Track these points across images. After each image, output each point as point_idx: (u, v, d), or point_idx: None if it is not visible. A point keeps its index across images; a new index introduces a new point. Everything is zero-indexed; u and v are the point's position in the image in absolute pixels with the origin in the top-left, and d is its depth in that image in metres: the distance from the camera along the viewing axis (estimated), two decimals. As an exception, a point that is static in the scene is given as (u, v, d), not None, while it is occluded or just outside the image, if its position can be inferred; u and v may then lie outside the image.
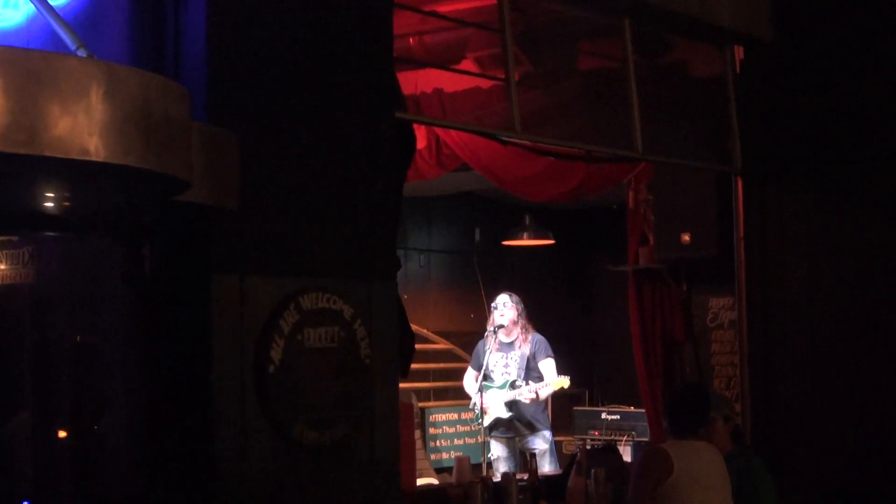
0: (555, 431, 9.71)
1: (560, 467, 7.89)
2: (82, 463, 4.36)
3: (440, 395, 10.13)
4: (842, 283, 6.80)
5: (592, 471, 5.98)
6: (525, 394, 8.15)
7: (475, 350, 8.56)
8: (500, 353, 8.30)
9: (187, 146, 3.51)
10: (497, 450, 8.30)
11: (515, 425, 8.27)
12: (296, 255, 4.64)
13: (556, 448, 9.26)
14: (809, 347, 6.87)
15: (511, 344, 8.32)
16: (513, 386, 8.20)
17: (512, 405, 8.21)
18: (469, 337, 8.88)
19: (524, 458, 8.19)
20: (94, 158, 3.16)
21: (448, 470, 7.72)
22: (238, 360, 4.38)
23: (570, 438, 9.69)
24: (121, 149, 3.22)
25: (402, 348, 5.17)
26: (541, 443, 8.26)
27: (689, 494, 4.87)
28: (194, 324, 4.35)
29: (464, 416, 9.47)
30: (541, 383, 8.17)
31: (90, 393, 4.33)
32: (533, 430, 8.27)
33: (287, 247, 4.61)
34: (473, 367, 8.49)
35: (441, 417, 9.77)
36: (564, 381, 8.21)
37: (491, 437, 8.27)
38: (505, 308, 8.28)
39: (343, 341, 4.70)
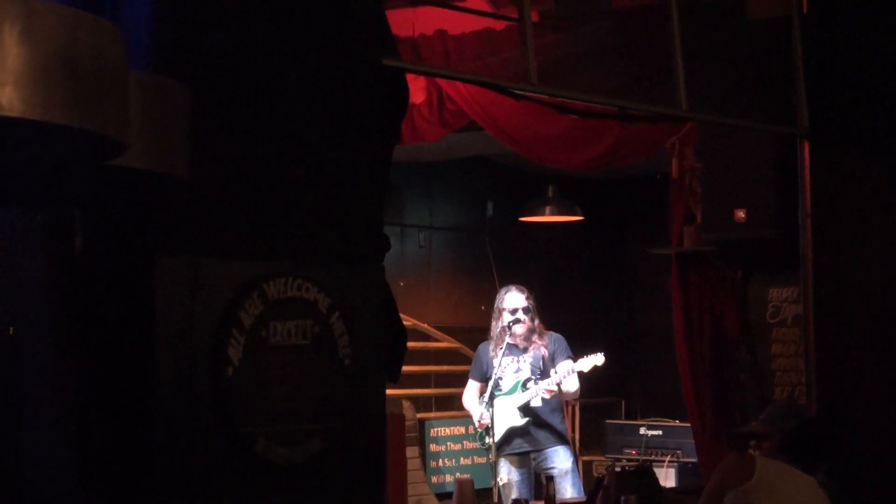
0: (583, 450, 9.75)
1: (585, 493, 7.91)
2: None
3: (443, 404, 10.15)
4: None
5: (622, 497, 6.00)
6: (543, 385, 8.13)
7: (476, 356, 8.54)
8: (510, 358, 8.30)
9: (123, 99, 3.50)
10: (509, 472, 8.27)
11: (532, 434, 8.25)
12: (259, 233, 4.64)
13: (585, 470, 9.27)
14: (893, 349, 6.85)
15: (523, 346, 8.31)
16: (524, 386, 8.19)
17: (527, 409, 8.20)
18: (479, 334, 8.87)
19: (540, 483, 8.18)
20: (7, 113, 3.15)
21: (452, 495, 7.74)
22: (189, 360, 4.38)
23: (602, 458, 9.71)
24: (40, 101, 3.21)
25: (391, 347, 5.19)
26: (562, 459, 8.26)
27: None
28: (135, 316, 4.35)
29: (472, 429, 9.48)
30: (561, 374, 8.12)
31: (7, 398, 4.33)
32: (553, 441, 8.26)
33: (249, 222, 4.61)
34: (475, 379, 8.47)
35: (444, 431, 9.78)
36: (598, 358, 8.20)
37: (502, 456, 8.24)
38: (526, 315, 8.25)
39: (317, 338, 4.70)
